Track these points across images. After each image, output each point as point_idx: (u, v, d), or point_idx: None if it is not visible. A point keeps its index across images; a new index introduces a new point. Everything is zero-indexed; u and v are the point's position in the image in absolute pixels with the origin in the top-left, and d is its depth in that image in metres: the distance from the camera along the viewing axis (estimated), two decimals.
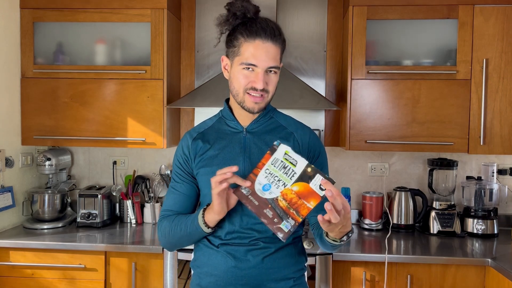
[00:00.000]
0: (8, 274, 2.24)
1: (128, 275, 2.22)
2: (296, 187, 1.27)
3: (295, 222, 1.26)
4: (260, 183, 1.30)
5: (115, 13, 2.45)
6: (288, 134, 1.49)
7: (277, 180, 1.29)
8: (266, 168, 1.31)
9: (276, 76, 1.42)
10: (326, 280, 2.07)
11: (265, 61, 1.37)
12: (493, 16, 2.33)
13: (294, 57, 2.76)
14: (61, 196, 2.57)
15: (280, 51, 1.42)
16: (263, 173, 1.31)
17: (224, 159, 1.44)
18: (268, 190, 1.29)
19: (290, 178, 1.28)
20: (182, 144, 1.52)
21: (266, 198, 1.29)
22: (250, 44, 1.37)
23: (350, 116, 2.41)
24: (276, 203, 1.28)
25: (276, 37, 1.39)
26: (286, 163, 1.29)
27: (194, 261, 1.53)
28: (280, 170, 1.29)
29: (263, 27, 1.37)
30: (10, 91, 2.45)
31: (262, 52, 1.36)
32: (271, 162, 1.31)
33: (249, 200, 1.30)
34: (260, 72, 1.37)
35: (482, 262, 2.08)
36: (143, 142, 2.46)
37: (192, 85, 2.81)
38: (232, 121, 1.49)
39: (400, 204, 2.55)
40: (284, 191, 1.28)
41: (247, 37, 1.38)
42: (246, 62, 1.37)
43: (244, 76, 1.39)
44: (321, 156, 1.52)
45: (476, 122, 2.35)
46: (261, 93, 1.39)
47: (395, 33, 2.46)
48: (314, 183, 1.25)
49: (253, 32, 1.37)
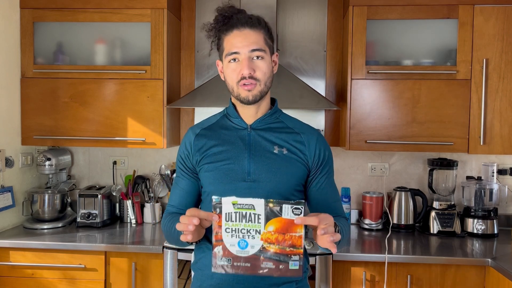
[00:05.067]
0: (8, 274, 2.24)
1: (128, 275, 2.22)
2: (271, 226, 1.16)
3: (299, 255, 1.17)
4: (233, 244, 1.18)
5: (115, 13, 2.45)
6: (294, 134, 1.48)
7: (246, 232, 1.17)
8: (225, 228, 1.18)
9: (264, 62, 1.41)
10: (326, 280, 2.07)
11: (244, 45, 1.39)
12: (493, 16, 2.33)
13: (294, 57, 2.76)
14: (61, 196, 2.57)
15: (263, 36, 1.43)
16: (226, 234, 1.18)
17: (228, 156, 1.44)
18: (247, 246, 1.17)
19: (258, 222, 1.16)
20: (185, 140, 1.53)
21: (253, 253, 1.17)
22: (229, 36, 1.42)
23: (350, 116, 2.41)
24: (266, 252, 1.17)
25: (255, 24, 1.42)
26: (243, 212, 1.17)
27: (195, 263, 1.53)
28: (242, 221, 1.17)
29: (238, 18, 1.42)
30: (10, 91, 2.45)
31: (240, 39, 1.40)
32: (225, 219, 1.18)
33: (237, 267, 1.18)
34: (244, 59, 1.39)
35: (482, 262, 2.08)
36: (143, 142, 2.46)
37: (192, 85, 2.81)
38: (236, 119, 1.49)
39: (400, 204, 2.55)
40: (263, 237, 1.17)
41: (226, 32, 1.43)
42: (228, 52, 1.41)
43: (232, 70, 1.41)
44: (328, 160, 1.51)
45: (476, 122, 2.35)
46: (251, 81, 1.39)
47: (395, 33, 2.46)
48: (286, 214, 1.15)
49: (230, 25, 1.42)
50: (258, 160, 1.42)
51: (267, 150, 1.44)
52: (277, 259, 1.17)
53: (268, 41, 1.44)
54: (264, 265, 1.17)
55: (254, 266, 1.17)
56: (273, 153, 1.43)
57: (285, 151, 1.44)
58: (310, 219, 1.17)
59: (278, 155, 1.43)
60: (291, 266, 1.17)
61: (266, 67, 1.42)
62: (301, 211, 1.16)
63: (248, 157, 1.43)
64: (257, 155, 1.43)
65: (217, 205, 1.18)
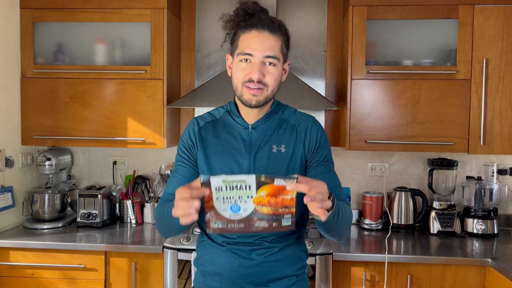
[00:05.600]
0: (8, 274, 2.24)
1: (128, 275, 2.22)
2: (263, 191, 1.14)
3: (291, 213, 1.16)
4: (225, 209, 1.15)
5: (115, 13, 2.45)
6: (291, 127, 1.47)
7: (238, 198, 1.14)
8: (216, 197, 1.14)
9: (276, 69, 1.38)
10: (326, 280, 2.07)
11: (260, 50, 1.35)
12: (493, 16, 2.33)
13: (294, 57, 2.76)
14: (61, 196, 2.57)
15: (281, 44, 1.39)
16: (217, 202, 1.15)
17: (230, 155, 1.44)
18: (239, 209, 1.15)
19: (249, 190, 1.14)
20: (189, 129, 1.51)
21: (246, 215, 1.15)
22: (247, 35, 1.38)
23: (350, 116, 2.41)
24: (260, 213, 1.16)
25: (275, 29, 1.38)
26: (233, 184, 1.13)
27: (197, 259, 1.53)
28: (233, 190, 1.14)
29: (260, 19, 1.38)
30: (10, 91, 2.45)
31: (258, 41, 1.36)
32: (216, 190, 1.14)
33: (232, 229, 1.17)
34: (257, 62, 1.36)
35: (482, 262, 2.08)
36: (143, 142, 2.46)
37: (192, 85, 2.81)
38: (238, 118, 1.48)
39: (400, 204, 2.55)
40: (255, 200, 1.14)
41: (245, 29, 1.39)
42: (242, 52, 1.37)
43: (241, 69, 1.38)
44: (324, 144, 1.48)
45: (476, 122, 2.35)
46: (258, 86, 1.36)
47: (395, 33, 2.46)
48: (277, 181, 1.13)
49: (250, 24, 1.38)
50: (258, 159, 1.42)
51: (267, 150, 1.44)
52: (270, 219, 1.16)
53: (284, 49, 1.42)
54: (258, 224, 1.16)
55: (249, 226, 1.16)
56: (272, 152, 1.43)
57: (283, 148, 1.44)
58: (301, 186, 1.13)
59: (277, 154, 1.43)
60: (284, 223, 1.17)
61: (277, 74, 1.39)
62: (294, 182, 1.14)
63: (248, 157, 1.43)
64: (257, 155, 1.43)
65: (205, 183, 1.14)
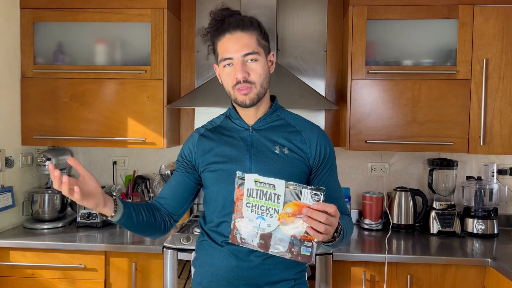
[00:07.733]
0: (8, 274, 2.24)
1: (128, 275, 2.22)
2: (289, 208, 1.16)
3: (312, 242, 1.17)
4: (251, 219, 1.19)
5: (115, 13, 2.45)
6: (296, 132, 1.48)
7: (265, 209, 1.18)
8: (246, 203, 1.20)
9: (259, 64, 1.40)
10: (326, 280, 2.07)
11: (237, 50, 1.39)
12: (493, 16, 2.33)
13: (294, 57, 2.76)
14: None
15: (256, 38, 1.42)
16: (246, 208, 1.20)
17: (231, 157, 1.45)
18: (264, 223, 1.18)
19: (277, 202, 1.17)
20: (190, 140, 1.56)
21: (268, 231, 1.18)
22: (222, 41, 1.42)
23: (350, 116, 2.41)
24: (282, 232, 1.17)
25: (246, 26, 1.41)
26: (264, 190, 1.18)
27: (195, 259, 1.54)
28: (262, 198, 1.18)
29: (230, 22, 1.41)
30: (10, 91, 2.45)
31: (233, 43, 1.40)
32: (247, 194, 1.20)
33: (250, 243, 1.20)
34: (237, 63, 1.39)
35: (482, 262, 2.08)
36: (143, 142, 2.46)
37: (192, 85, 2.81)
38: (238, 120, 1.50)
39: (400, 204, 2.55)
40: (280, 217, 1.17)
41: (219, 36, 1.43)
42: (222, 58, 1.42)
43: (227, 74, 1.42)
44: (330, 157, 1.49)
45: (476, 122, 2.35)
46: (246, 85, 1.39)
47: (395, 33, 2.46)
48: (304, 198, 1.15)
49: (222, 29, 1.42)
50: (259, 160, 1.43)
51: (268, 150, 1.44)
52: (291, 242, 1.17)
53: (262, 42, 1.43)
54: (277, 245, 1.18)
55: (267, 245, 1.19)
56: (274, 153, 1.44)
57: (286, 150, 1.44)
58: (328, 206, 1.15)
59: (280, 155, 1.43)
60: (303, 252, 1.17)
61: (261, 68, 1.41)
62: (320, 198, 1.15)
63: (249, 158, 1.44)
64: (258, 155, 1.43)
65: (240, 180, 1.21)
